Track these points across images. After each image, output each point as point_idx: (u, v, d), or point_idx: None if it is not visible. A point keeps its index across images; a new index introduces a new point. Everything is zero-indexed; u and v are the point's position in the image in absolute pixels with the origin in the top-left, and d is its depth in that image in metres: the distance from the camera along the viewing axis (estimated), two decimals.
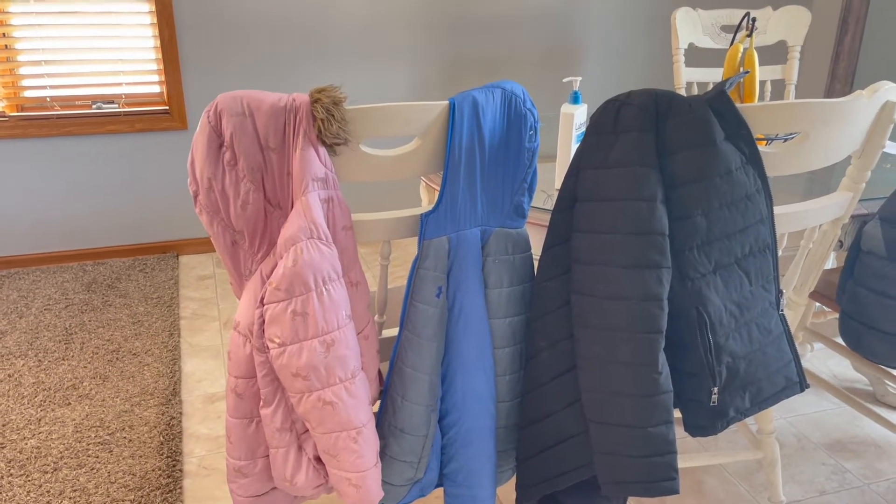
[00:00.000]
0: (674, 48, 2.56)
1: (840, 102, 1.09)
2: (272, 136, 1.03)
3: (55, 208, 2.95)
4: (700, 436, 1.20)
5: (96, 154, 2.94)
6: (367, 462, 1.11)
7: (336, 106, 1.01)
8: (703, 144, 1.06)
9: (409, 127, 1.08)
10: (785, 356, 1.21)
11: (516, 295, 1.24)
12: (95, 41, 2.81)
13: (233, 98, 1.02)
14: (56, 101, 2.87)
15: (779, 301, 1.20)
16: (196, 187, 1.06)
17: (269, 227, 1.09)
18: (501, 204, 1.18)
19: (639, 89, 1.10)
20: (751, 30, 1.56)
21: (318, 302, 1.03)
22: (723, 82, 1.08)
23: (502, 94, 1.12)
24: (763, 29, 2.64)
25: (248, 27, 2.94)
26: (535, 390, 1.23)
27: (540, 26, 3.34)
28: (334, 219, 1.08)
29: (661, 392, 1.10)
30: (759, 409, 1.21)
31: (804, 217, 1.22)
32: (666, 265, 1.08)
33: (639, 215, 1.06)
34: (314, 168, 1.03)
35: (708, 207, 1.09)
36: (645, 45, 3.55)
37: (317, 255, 1.03)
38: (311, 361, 1.04)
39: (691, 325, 1.12)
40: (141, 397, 2.04)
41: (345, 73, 3.13)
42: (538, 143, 1.18)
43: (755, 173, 1.11)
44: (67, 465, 1.75)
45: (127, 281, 2.82)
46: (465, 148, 1.11)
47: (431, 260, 1.15)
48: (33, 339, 2.36)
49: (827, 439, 1.94)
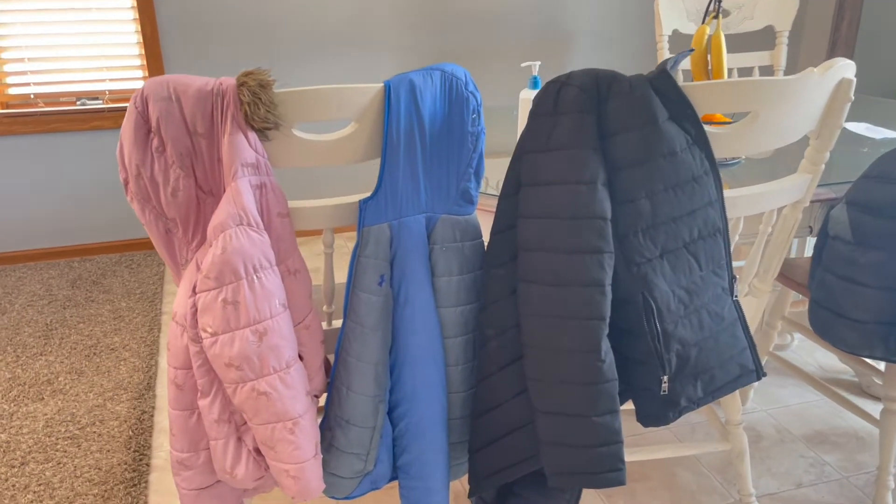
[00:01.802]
0: (657, 35, 2.52)
1: (789, 80, 1.06)
2: (200, 120, 1.01)
3: (42, 205, 2.96)
4: (652, 426, 1.17)
5: (82, 150, 2.94)
6: (305, 453, 1.09)
7: (263, 89, 0.99)
8: (645, 125, 1.03)
9: (343, 111, 1.05)
10: (739, 343, 1.17)
11: (467, 283, 1.21)
12: (79, 38, 2.81)
13: (159, 83, 1.00)
14: (40, 98, 2.87)
15: (732, 287, 1.16)
16: (126, 175, 1.04)
17: (202, 214, 1.07)
18: (447, 190, 1.16)
19: (580, 69, 1.07)
20: (717, 11, 1.52)
21: (249, 290, 1.01)
22: (665, 61, 1.05)
23: (441, 76, 1.10)
24: (750, 14, 2.59)
25: (230, 22, 2.93)
26: (485, 380, 1.20)
27: (526, 17, 3.30)
28: (268, 205, 1.06)
29: (605, 380, 1.07)
30: (713, 397, 1.17)
31: (759, 200, 1.18)
32: (608, 250, 1.05)
33: (578, 199, 1.03)
34: (244, 153, 1.01)
35: (652, 190, 1.05)
36: (634, 33, 3.51)
37: (246, 242, 1.00)
38: (243, 351, 1.02)
39: (638, 312, 1.09)
40: (114, 392, 2.03)
41: (329, 68, 3.11)
42: (482, 127, 1.15)
43: (702, 154, 1.08)
44: (34, 460, 1.74)
45: (112, 277, 2.82)
46: (404, 132, 1.08)
47: (372, 247, 1.13)
48: (13, 335, 2.36)
49: (808, 431, 1.90)
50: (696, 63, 1.57)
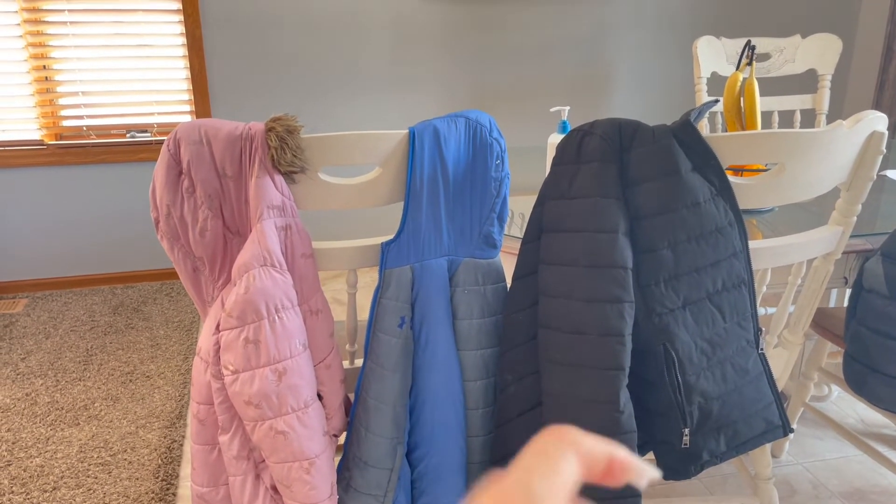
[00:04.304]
0: (696, 77, 2.51)
1: (816, 133, 1.05)
2: (229, 163, 1.04)
3: (90, 232, 3.05)
4: (673, 479, 1.14)
5: (129, 181, 3.04)
6: (321, 494, 1.10)
7: (290, 134, 1.02)
8: (668, 175, 1.03)
9: (368, 156, 1.07)
10: (765, 398, 1.15)
11: (488, 327, 1.21)
12: (130, 72, 2.92)
13: (191, 126, 1.04)
14: (92, 130, 2.98)
15: (758, 339, 1.14)
16: (157, 214, 1.07)
17: (228, 254, 1.10)
18: (469, 234, 1.17)
19: (604, 119, 1.07)
20: (751, 58, 1.51)
21: (270, 330, 1.03)
22: (688, 112, 1.05)
23: (466, 124, 1.11)
24: (791, 57, 2.57)
25: (274, 58, 3.01)
26: (503, 425, 1.19)
27: (568, 55, 3.32)
28: (292, 246, 1.08)
29: (624, 432, 1.05)
30: (737, 452, 1.14)
31: (787, 252, 1.16)
32: (628, 299, 1.04)
33: (599, 247, 1.03)
34: (270, 196, 1.04)
35: (674, 240, 1.05)
36: (674, 74, 3.50)
37: (269, 282, 1.03)
38: (262, 389, 1.04)
39: (659, 363, 1.08)
40: (147, 419, 2.06)
41: (372, 103, 3.17)
42: (507, 172, 1.16)
43: (726, 206, 1.07)
44: (66, 485, 1.78)
45: (152, 304, 2.89)
46: (427, 177, 1.10)
47: (393, 289, 1.14)
48: (55, 359, 2.43)
49: (846, 488, 1.83)
50: (728, 109, 1.57)
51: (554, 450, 0.34)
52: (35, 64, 2.84)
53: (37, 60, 2.84)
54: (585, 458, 0.34)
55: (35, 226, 3.00)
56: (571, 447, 0.34)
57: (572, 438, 0.35)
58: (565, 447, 0.34)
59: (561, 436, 0.35)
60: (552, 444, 0.34)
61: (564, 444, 0.34)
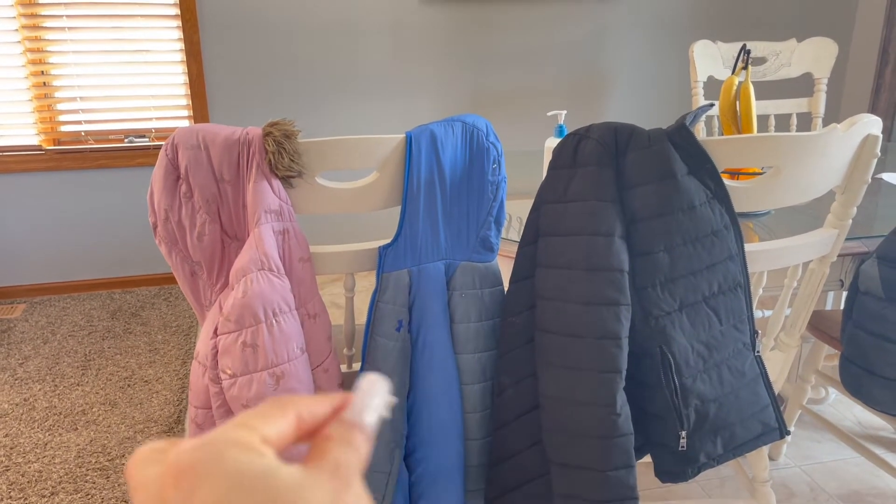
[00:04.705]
0: (692, 81, 2.52)
1: (811, 136, 1.05)
2: (226, 168, 1.04)
3: (88, 238, 3.06)
4: (670, 482, 1.15)
5: (128, 185, 3.04)
6: None
7: (288, 139, 1.02)
8: (663, 178, 1.03)
9: (366, 160, 1.08)
10: (761, 400, 1.15)
11: (486, 330, 1.21)
12: (128, 77, 2.93)
13: (189, 131, 1.04)
14: (90, 135, 2.98)
15: (754, 342, 1.14)
16: (154, 219, 1.07)
17: (226, 258, 1.10)
18: (467, 238, 1.17)
19: (600, 123, 1.08)
20: (747, 62, 1.52)
21: (268, 334, 1.03)
22: (684, 115, 1.05)
23: (463, 128, 1.12)
24: (787, 61, 2.58)
25: (272, 63, 3.02)
26: (501, 428, 1.20)
27: (565, 59, 3.33)
28: (290, 250, 1.08)
29: (620, 434, 1.05)
30: (734, 454, 1.15)
31: (782, 255, 1.17)
32: (624, 302, 1.04)
33: (595, 251, 1.04)
34: (267, 200, 1.04)
35: (670, 243, 1.05)
36: (671, 78, 3.51)
37: (266, 286, 1.03)
38: (260, 393, 1.04)
39: (655, 366, 1.08)
40: (145, 424, 2.06)
41: (369, 107, 3.18)
42: (504, 176, 1.17)
43: (722, 209, 1.07)
44: (64, 490, 1.78)
45: (150, 309, 2.89)
46: (424, 181, 1.10)
47: (391, 293, 1.14)
48: (53, 364, 2.43)
49: (843, 490, 1.83)
50: (724, 113, 1.57)
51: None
52: (33, 69, 2.85)
53: (35, 66, 2.85)
54: (301, 421, 0.33)
55: (33, 231, 3.00)
56: (289, 405, 0.33)
57: (286, 401, 0.33)
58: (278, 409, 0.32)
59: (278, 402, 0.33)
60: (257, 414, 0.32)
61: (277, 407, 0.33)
